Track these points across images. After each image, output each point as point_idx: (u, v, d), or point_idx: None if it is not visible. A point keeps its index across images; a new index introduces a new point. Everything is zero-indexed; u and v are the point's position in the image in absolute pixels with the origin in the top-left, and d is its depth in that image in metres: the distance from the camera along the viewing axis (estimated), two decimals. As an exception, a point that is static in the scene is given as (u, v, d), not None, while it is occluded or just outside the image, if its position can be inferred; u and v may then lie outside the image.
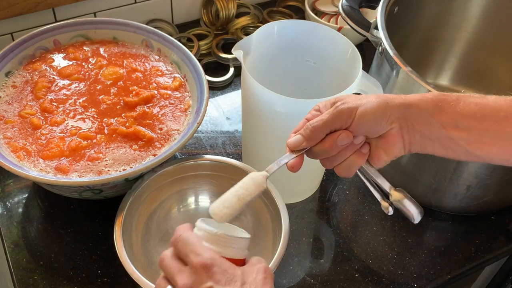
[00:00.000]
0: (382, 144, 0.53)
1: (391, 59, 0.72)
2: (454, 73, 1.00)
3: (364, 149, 0.54)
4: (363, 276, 0.74)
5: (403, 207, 0.53)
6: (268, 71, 0.78)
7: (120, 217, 0.66)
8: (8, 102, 0.76)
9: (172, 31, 1.05)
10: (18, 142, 0.71)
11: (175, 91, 0.80)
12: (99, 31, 0.85)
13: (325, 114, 0.53)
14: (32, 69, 0.80)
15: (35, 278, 0.70)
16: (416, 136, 0.52)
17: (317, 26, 0.75)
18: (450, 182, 0.76)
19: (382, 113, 0.52)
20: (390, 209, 0.54)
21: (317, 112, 0.55)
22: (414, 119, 0.52)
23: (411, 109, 0.52)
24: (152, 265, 0.69)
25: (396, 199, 0.53)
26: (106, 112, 0.76)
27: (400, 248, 0.77)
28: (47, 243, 0.74)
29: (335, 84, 0.75)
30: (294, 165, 0.55)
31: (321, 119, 0.53)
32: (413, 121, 0.52)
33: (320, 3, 1.10)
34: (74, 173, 0.69)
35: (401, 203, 0.53)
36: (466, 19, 0.92)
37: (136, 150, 0.72)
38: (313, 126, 0.53)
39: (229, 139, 0.90)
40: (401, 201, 0.53)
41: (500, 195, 0.79)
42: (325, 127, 0.53)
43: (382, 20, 0.76)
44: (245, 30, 1.07)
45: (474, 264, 0.77)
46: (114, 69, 0.81)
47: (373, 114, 0.51)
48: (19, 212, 0.78)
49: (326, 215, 0.81)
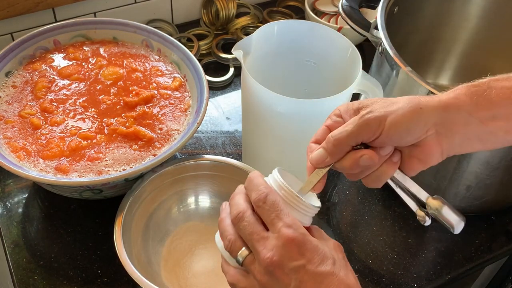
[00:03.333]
0: (417, 153, 0.48)
1: (391, 59, 0.72)
2: (454, 73, 1.00)
3: (394, 158, 0.48)
4: (363, 276, 0.74)
5: (442, 217, 0.48)
6: (268, 71, 0.78)
7: (120, 217, 0.66)
8: (8, 102, 0.76)
9: (172, 31, 1.05)
10: (18, 142, 0.71)
11: (175, 91, 0.80)
12: (99, 31, 0.85)
13: (349, 125, 0.47)
14: (32, 69, 0.80)
15: (35, 278, 0.70)
16: (455, 139, 0.48)
17: (317, 26, 0.75)
18: (450, 182, 0.75)
19: (416, 121, 0.46)
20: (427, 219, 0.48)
21: (338, 118, 0.50)
22: (452, 122, 0.47)
23: (449, 112, 0.47)
24: (152, 265, 0.69)
25: (434, 208, 0.48)
26: (106, 112, 0.76)
27: (400, 248, 0.77)
28: (47, 243, 0.74)
29: (335, 84, 0.75)
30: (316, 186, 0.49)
31: (345, 131, 0.47)
32: (452, 124, 0.47)
33: (320, 3, 1.10)
34: (74, 173, 0.69)
35: (439, 213, 0.47)
36: (466, 19, 0.92)
37: (136, 150, 0.72)
38: (335, 139, 0.47)
39: (229, 139, 0.90)
40: (440, 210, 0.47)
41: (500, 195, 0.79)
42: (350, 140, 0.47)
43: (382, 20, 0.76)
44: (245, 30, 1.07)
45: (474, 264, 0.77)
46: (114, 69, 0.81)
47: (406, 123, 0.46)
48: (19, 212, 0.78)
49: (326, 215, 0.81)
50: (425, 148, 0.48)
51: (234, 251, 0.46)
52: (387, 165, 0.48)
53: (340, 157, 0.48)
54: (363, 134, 0.46)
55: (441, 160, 0.49)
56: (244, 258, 0.45)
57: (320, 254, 0.43)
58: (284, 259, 0.43)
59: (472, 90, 0.47)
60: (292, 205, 0.47)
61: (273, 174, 0.49)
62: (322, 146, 0.48)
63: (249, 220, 0.45)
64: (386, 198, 0.83)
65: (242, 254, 0.45)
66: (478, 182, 0.74)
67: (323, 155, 0.48)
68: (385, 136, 0.46)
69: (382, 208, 0.82)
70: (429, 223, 0.49)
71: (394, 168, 0.49)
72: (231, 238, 0.46)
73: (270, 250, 0.43)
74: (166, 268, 0.70)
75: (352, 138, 0.47)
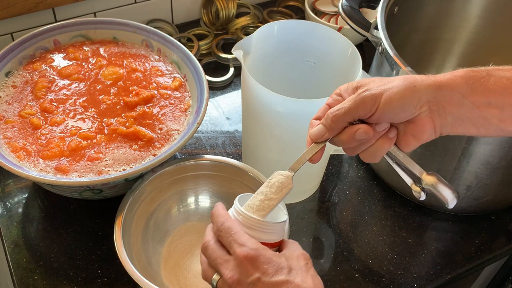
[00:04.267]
0: (411, 129, 0.50)
1: (391, 59, 0.72)
2: (454, 73, 1.00)
3: (391, 134, 0.51)
4: (363, 276, 0.74)
5: (437, 192, 0.50)
6: (268, 71, 0.78)
7: (120, 217, 0.66)
8: (8, 102, 0.76)
9: (172, 31, 1.05)
10: (18, 142, 0.71)
11: (175, 91, 0.80)
12: (99, 31, 0.85)
13: (347, 102, 0.50)
14: (32, 69, 0.80)
15: (35, 278, 0.70)
16: (447, 118, 0.49)
17: (317, 26, 0.75)
18: (450, 182, 0.75)
19: (409, 98, 0.48)
20: (422, 194, 0.51)
21: (338, 97, 0.53)
22: (445, 101, 0.49)
23: (442, 91, 0.49)
24: (152, 265, 0.69)
25: (429, 184, 0.49)
26: (106, 112, 0.76)
27: (400, 248, 0.77)
28: (47, 243, 0.74)
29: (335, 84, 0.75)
30: (315, 157, 0.53)
31: (343, 107, 0.50)
32: (444, 103, 0.49)
33: (320, 3, 1.10)
34: (74, 173, 0.69)
35: (435, 188, 0.49)
36: (466, 19, 0.92)
37: (136, 150, 0.72)
38: (334, 115, 0.50)
39: (229, 139, 0.90)
40: (435, 185, 0.49)
41: (500, 195, 0.79)
42: (347, 116, 0.50)
43: (382, 20, 0.76)
44: (245, 30, 1.07)
45: (474, 264, 0.77)
46: (114, 69, 0.81)
47: (399, 100, 0.48)
48: (19, 212, 0.78)
49: (326, 215, 0.81)
50: (418, 124, 0.50)
51: (208, 277, 0.51)
52: (382, 140, 0.51)
53: (337, 133, 0.51)
54: (360, 110, 0.49)
55: (435, 137, 0.51)
56: (217, 282, 0.50)
57: (274, 265, 0.48)
58: (242, 276, 0.48)
59: (470, 74, 0.49)
60: (252, 227, 0.51)
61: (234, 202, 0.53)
62: (321, 122, 0.52)
63: (212, 247, 0.50)
64: (386, 198, 0.83)
65: (215, 279, 0.50)
66: (478, 182, 0.74)
67: (322, 131, 0.51)
68: (380, 112, 0.49)
69: (382, 208, 0.82)
70: (424, 198, 0.51)
71: (389, 143, 0.51)
72: (204, 267, 0.52)
73: (231, 271, 0.48)
74: (166, 268, 0.70)
75: (349, 114, 0.50)
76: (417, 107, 0.49)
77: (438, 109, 0.49)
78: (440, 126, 0.50)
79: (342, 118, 0.50)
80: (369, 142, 0.51)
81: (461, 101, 0.49)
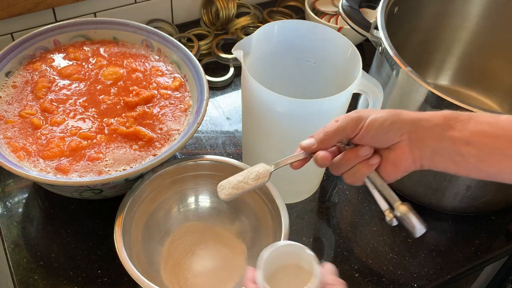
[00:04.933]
0: (392, 157, 0.53)
1: (391, 59, 0.72)
2: (454, 73, 1.00)
3: (372, 160, 0.54)
4: (363, 276, 0.74)
5: (407, 220, 0.53)
6: (268, 71, 0.78)
7: (120, 217, 0.66)
8: (8, 102, 0.76)
9: (172, 31, 1.05)
10: (18, 142, 0.71)
11: (175, 91, 0.80)
12: (99, 31, 0.85)
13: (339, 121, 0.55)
14: (32, 69, 0.80)
15: (35, 278, 0.71)
16: (426, 151, 0.52)
17: (317, 26, 0.75)
18: (450, 182, 0.76)
19: (391, 123, 0.52)
20: (394, 220, 0.54)
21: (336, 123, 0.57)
22: (424, 133, 0.52)
23: (422, 123, 0.52)
24: (152, 265, 0.69)
25: (402, 212, 0.53)
26: (106, 112, 0.76)
27: (400, 248, 0.77)
28: (47, 243, 0.74)
29: (335, 84, 0.75)
30: (296, 164, 0.57)
31: (334, 125, 0.54)
32: (424, 136, 0.52)
33: (320, 3, 1.10)
34: (74, 173, 0.69)
35: (406, 216, 0.53)
36: (466, 19, 0.92)
37: (136, 150, 0.72)
38: (326, 131, 0.55)
39: (229, 139, 0.90)
40: (406, 214, 0.53)
41: (500, 195, 0.79)
42: (337, 133, 0.54)
43: (382, 20, 0.76)
44: (245, 30, 1.07)
45: (474, 264, 0.77)
46: (114, 69, 0.81)
47: (382, 123, 0.52)
48: (19, 212, 0.78)
49: (326, 215, 0.81)
50: (398, 153, 0.53)
51: None
52: (362, 165, 0.54)
53: (325, 147, 0.55)
54: (347, 129, 0.54)
55: (415, 168, 0.54)
56: None
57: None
58: None
59: (453, 115, 0.52)
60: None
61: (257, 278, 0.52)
62: (313, 135, 0.56)
63: None
64: (386, 198, 0.83)
65: None
66: (478, 182, 0.74)
67: (312, 142, 0.56)
68: (364, 132, 0.53)
69: (382, 208, 0.82)
70: (395, 224, 0.55)
71: (368, 168, 0.54)
72: None
73: None
74: (166, 268, 0.70)
75: (338, 132, 0.54)
76: (397, 134, 0.52)
77: (417, 141, 0.52)
78: (419, 157, 0.53)
79: (332, 134, 0.54)
80: (350, 164, 0.55)
81: (440, 136, 0.51)
